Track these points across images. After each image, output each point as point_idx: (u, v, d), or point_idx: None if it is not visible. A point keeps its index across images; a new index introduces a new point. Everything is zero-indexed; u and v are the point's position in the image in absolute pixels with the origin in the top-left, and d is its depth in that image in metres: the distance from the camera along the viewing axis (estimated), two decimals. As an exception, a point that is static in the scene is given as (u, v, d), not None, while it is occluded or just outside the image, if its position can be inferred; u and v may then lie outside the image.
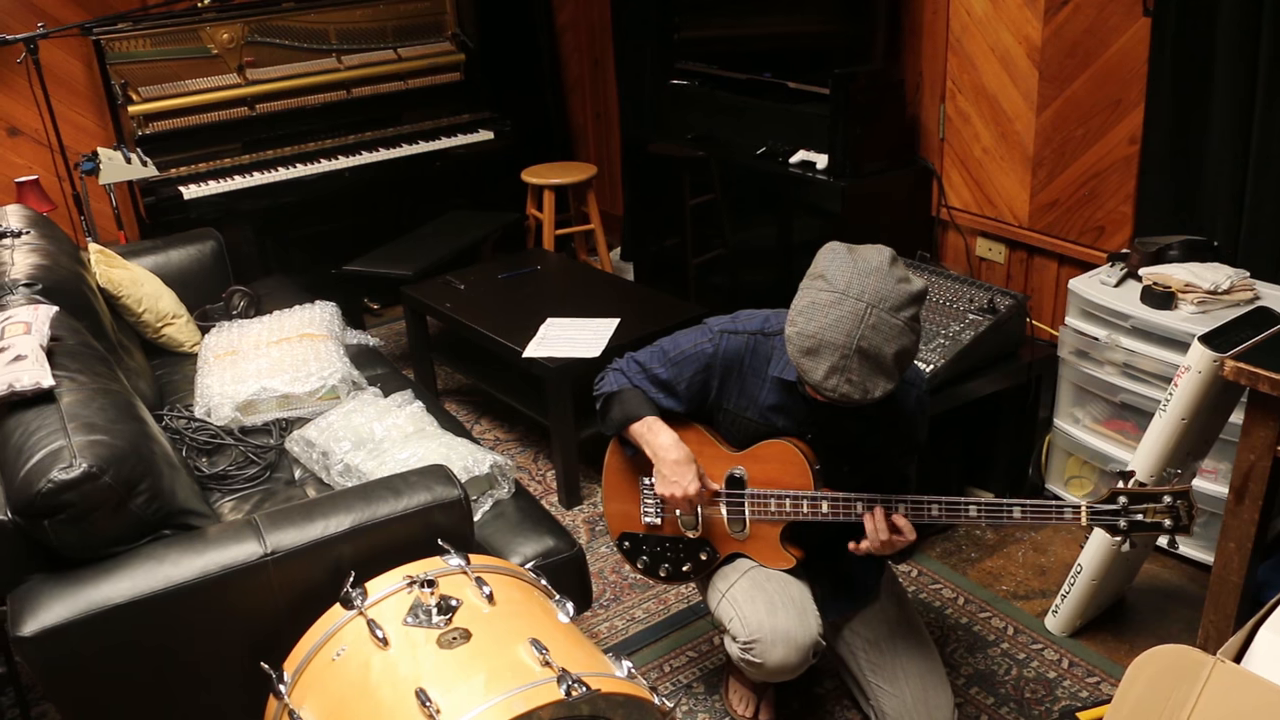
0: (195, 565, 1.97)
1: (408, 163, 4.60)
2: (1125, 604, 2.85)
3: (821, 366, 1.90)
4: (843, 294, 1.89)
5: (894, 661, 2.36)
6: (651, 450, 2.23)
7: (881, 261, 1.93)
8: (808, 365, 1.91)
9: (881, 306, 1.88)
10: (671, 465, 2.19)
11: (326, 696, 1.89)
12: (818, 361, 1.90)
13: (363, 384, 2.98)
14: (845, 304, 1.89)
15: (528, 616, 1.98)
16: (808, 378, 1.93)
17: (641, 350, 2.34)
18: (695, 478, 2.19)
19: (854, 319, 1.88)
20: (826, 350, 1.89)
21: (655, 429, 2.23)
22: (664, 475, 2.21)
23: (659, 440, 2.22)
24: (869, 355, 1.89)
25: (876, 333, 1.88)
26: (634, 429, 2.25)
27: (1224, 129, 2.86)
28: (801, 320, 1.92)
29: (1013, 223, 3.49)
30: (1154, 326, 2.79)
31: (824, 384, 1.91)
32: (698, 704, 2.57)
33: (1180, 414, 2.35)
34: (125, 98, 4.13)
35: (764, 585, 2.23)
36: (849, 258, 1.94)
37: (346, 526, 2.08)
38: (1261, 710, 1.65)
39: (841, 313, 1.88)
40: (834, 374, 1.89)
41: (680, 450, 2.20)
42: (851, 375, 1.89)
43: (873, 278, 1.90)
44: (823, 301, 1.91)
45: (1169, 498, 2.00)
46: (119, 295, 3.24)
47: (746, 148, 3.88)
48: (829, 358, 1.89)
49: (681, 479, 2.19)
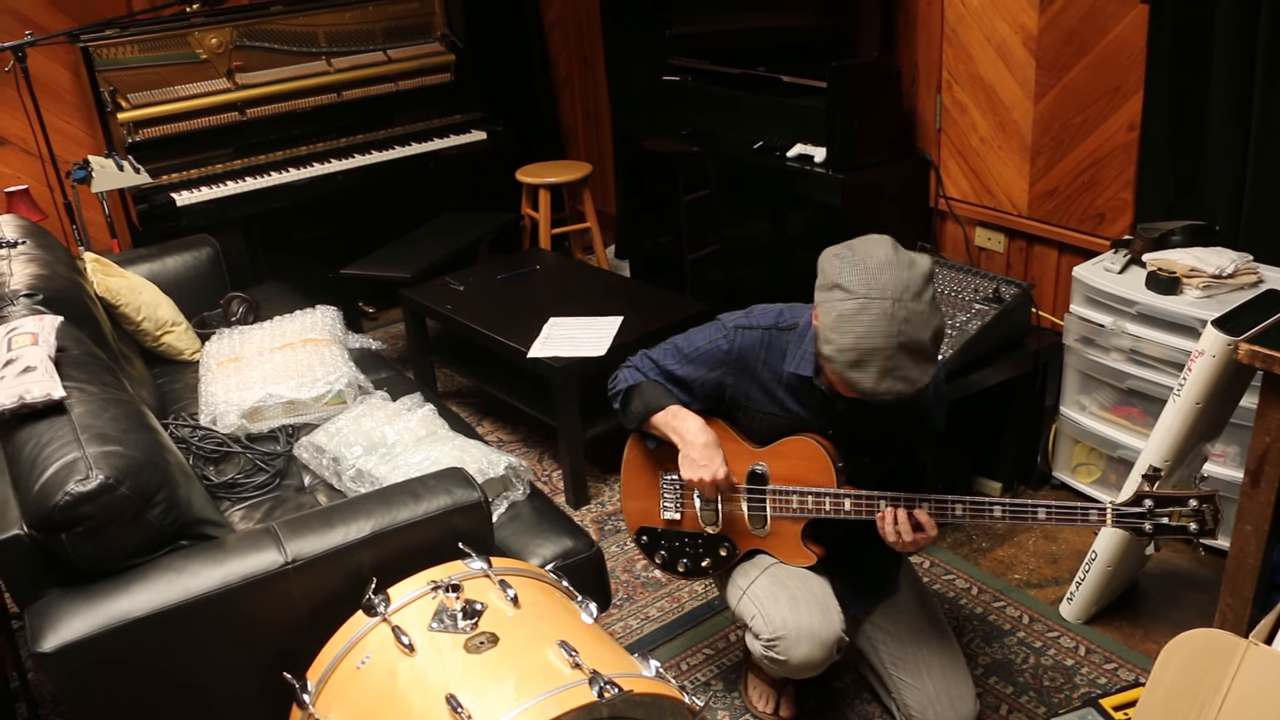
0: (215, 576, 1.95)
1: (400, 165, 4.57)
2: (1138, 589, 2.86)
3: (870, 375, 1.88)
4: (866, 298, 1.88)
5: (915, 654, 2.35)
6: (679, 435, 2.21)
7: (887, 253, 1.92)
8: (857, 377, 1.89)
9: (906, 298, 1.88)
10: (700, 449, 2.18)
11: (353, 705, 1.87)
12: (866, 371, 1.88)
13: (369, 388, 2.96)
14: (873, 307, 1.87)
15: (553, 619, 1.97)
16: (859, 389, 1.90)
17: (655, 348, 2.34)
18: (722, 462, 2.18)
19: (887, 319, 1.87)
20: (872, 357, 1.87)
21: (681, 415, 2.22)
22: (692, 459, 2.19)
23: (686, 425, 2.21)
24: (911, 348, 1.88)
25: (910, 325, 1.87)
26: (657, 419, 2.24)
27: (1223, 113, 2.87)
28: (836, 336, 1.90)
29: (1011, 212, 3.49)
30: (1160, 312, 2.79)
31: (877, 389, 1.89)
32: (717, 701, 2.57)
33: (1195, 398, 2.36)
34: (114, 105, 4.08)
35: (785, 582, 2.23)
36: (856, 259, 1.93)
37: (367, 532, 2.06)
38: (1297, 692, 1.66)
39: (873, 316, 1.87)
40: (885, 377, 1.88)
41: (708, 434, 2.20)
42: (901, 373, 1.88)
43: (887, 272, 1.89)
44: (849, 311, 1.89)
45: (1195, 501, 1.99)
46: (117, 304, 3.21)
47: (742, 142, 3.87)
48: (876, 363, 1.88)
49: (711, 462, 2.17)
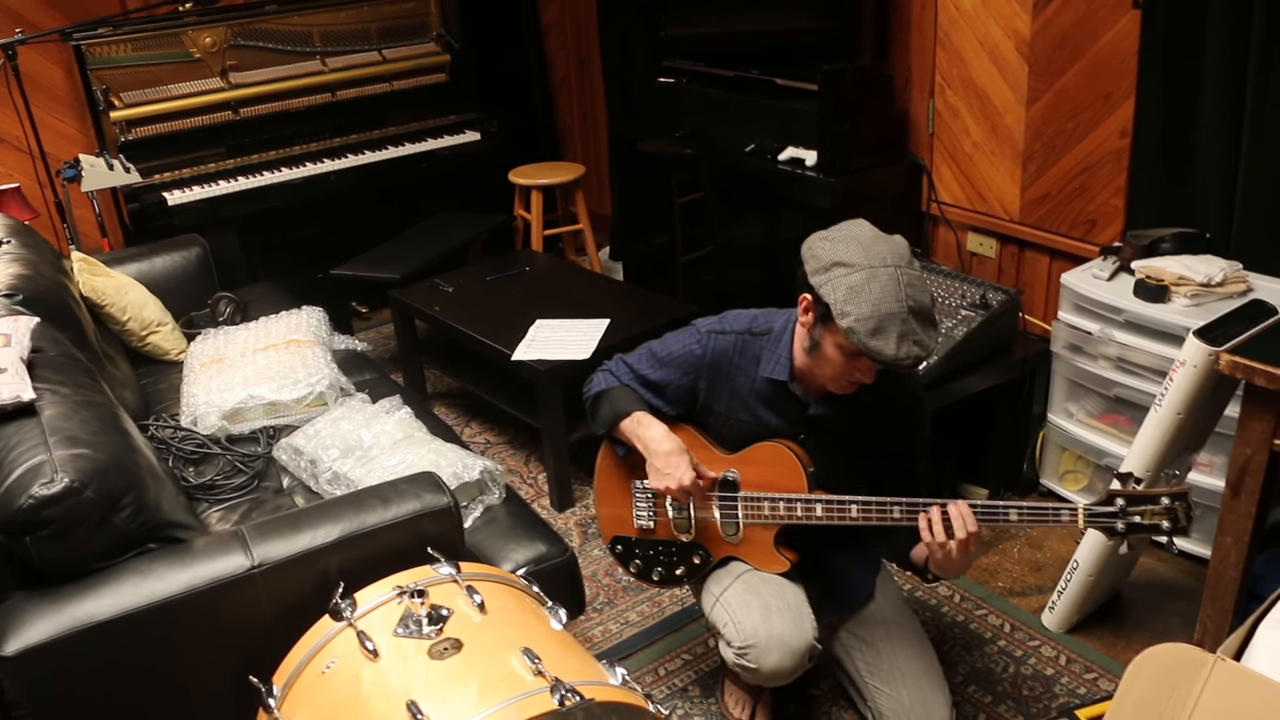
0: (181, 579, 1.94)
1: (394, 165, 4.56)
2: (1122, 599, 2.83)
3: (890, 340, 1.90)
4: (870, 267, 1.92)
5: (891, 662, 2.33)
6: (643, 444, 2.20)
7: (870, 229, 2.01)
8: (878, 345, 1.91)
9: (902, 264, 1.94)
10: (664, 457, 2.17)
11: (317, 710, 1.86)
12: (886, 338, 1.91)
13: (351, 390, 2.95)
14: (880, 275, 1.92)
15: (520, 625, 1.95)
16: (881, 357, 1.92)
17: (631, 352, 2.32)
18: (689, 468, 2.17)
19: (894, 283, 1.91)
20: (890, 323, 1.90)
21: (645, 423, 2.21)
22: (656, 468, 2.19)
23: (649, 433, 2.20)
24: (919, 311, 1.93)
25: (914, 289, 1.93)
26: (624, 425, 2.23)
27: (1215, 121, 2.84)
28: (853, 308, 1.91)
29: (1003, 217, 3.47)
30: (1147, 320, 2.77)
31: (898, 356, 1.91)
32: (694, 707, 2.55)
33: (1176, 409, 2.34)
34: (107, 103, 4.08)
35: (758, 589, 2.21)
36: (846, 238, 1.99)
37: (335, 537, 2.05)
38: (1262, 708, 1.63)
39: (882, 283, 1.91)
40: (903, 342, 1.91)
41: (672, 441, 2.18)
42: (916, 336, 1.92)
43: (880, 244, 1.97)
44: (859, 282, 1.92)
45: (1167, 499, 1.97)
46: (102, 304, 3.21)
47: (735, 145, 3.85)
48: (895, 328, 1.90)
49: (675, 469, 2.16)
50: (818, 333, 2.03)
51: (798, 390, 2.16)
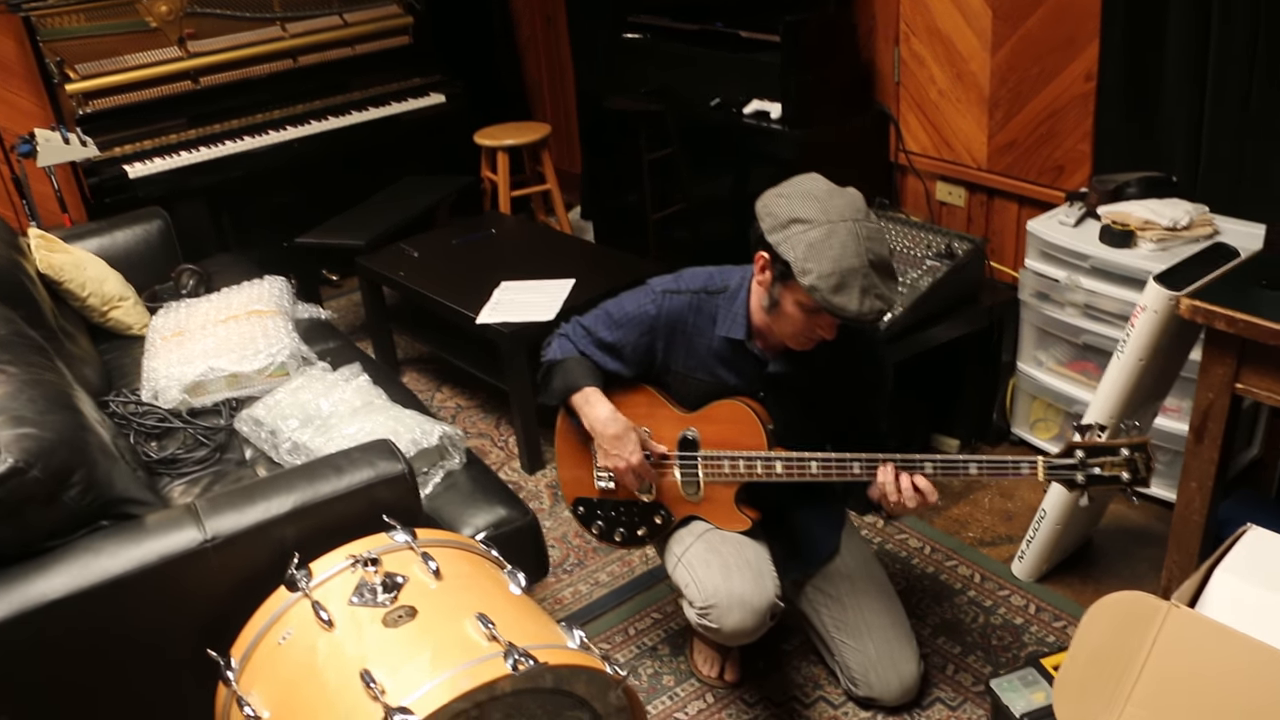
0: (133, 555, 1.92)
1: (358, 130, 4.50)
2: (1092, 546, 2.83)
3: (853, 296, 1.88)
4: (829, 222, 1.90)
5: (857, 617, 2.33)
6: (589, 424, 2.19)
7: (825, 183, 1.98)
8: (841, 301, 1.89)
9: (860, 217, 1.92)
10: (610, 440, 2.16)
11: (274, 681, 1.85)
12: (849, 293, 1.88)
13: (312, 359, 2.92)
14: (839, 230, 1.89)
15: (476, 590, 1.94)
16: (845, 313, 1.90)
17: (587, 314, 2.30)
18: (635, 448, 2.15)
19: (853, 238, 1.89)
20: (852, 278, 1.88)
21: (592, 401, 2.19)
22: (604, 449, 2.18)
23: (595, 414, 2.18)
24: (879, 264, 1.91)
25: (873, 240, 1.91)
26: (574, 400, 2.21)
27: (1179, 62, 2.80)
28: (814, 265, 1.89)
29: (971, 165, 3.43)
30: (1113, 266, 2.74)
31: (861, 310, 1.89)
32: (663, 666, 2.55)
33: (1138, 355, 2.32)
34: (62, 76, 4.01)
35: (719, 548, 2.20)
36: (801, 193, 1.96)
37: (289, 508, 2.03)
38: (1215, 653, 1.63)
39: (841, 238, 1.89)
40: (865, 296, 1.89)
41: (617, 423, 2.16)
42: (878, 290, 1.90)
43: (836, 198, 1.94)
44: (818, 238, 1.89)
45: (1126, 450, 1.96)
46: (61, 280, 3.17)
47: (701, 100, 3.80)
48: (857, 283, 1.88)
49: (622, 451, 2.15)
50: (777, 291, 2.00)
51: (755, 348, 2.14)
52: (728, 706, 2.43)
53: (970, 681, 2.43)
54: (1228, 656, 1.62)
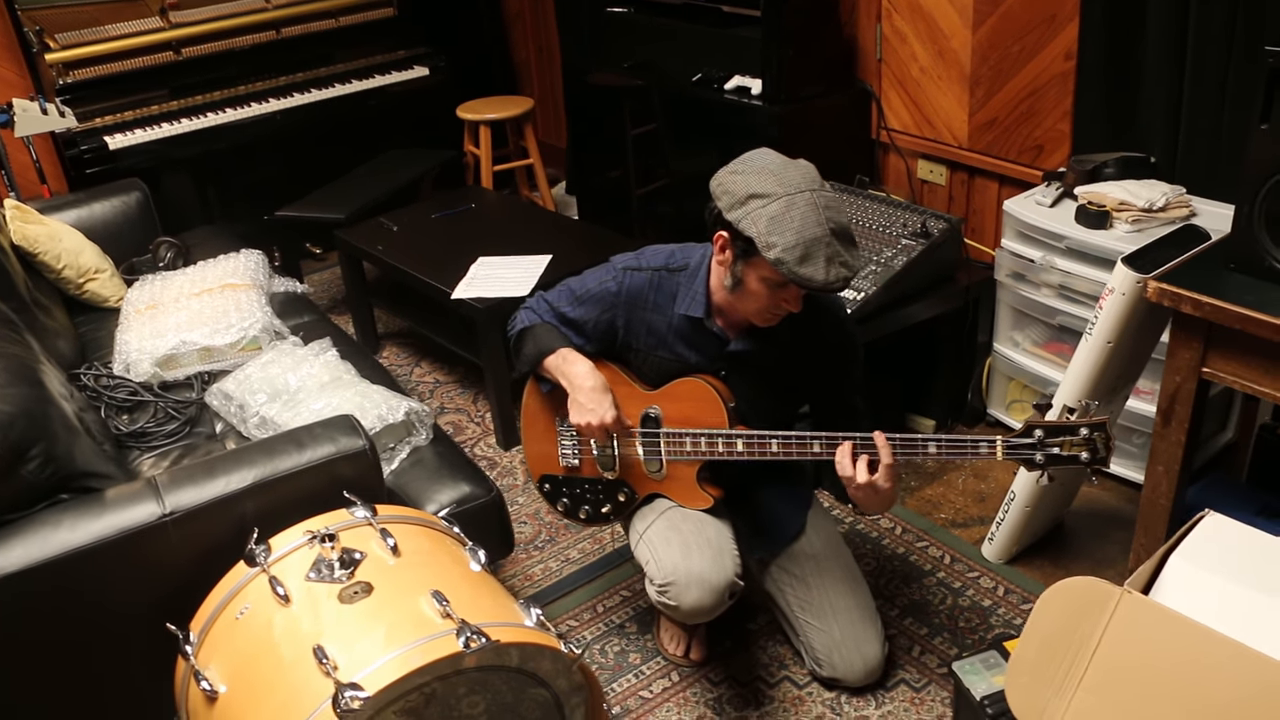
0: (92, 529, 1.92)
1: (341, 103, 4.48)
2: (1064, 528, 2.83)
3: (819, 265, 1.88)
4: (787, 195, 1.89)
5: (822, 598, 2.33)
6: (567, 380, 2.18)
7: (773, 156, 1.98)
8: (808, 272, 1.88)
9: (816, 187, 1.92)
10: (587, 393, 2.15)
11: (231, 655, 1.86)
12: (815, 264, 1.88)
13: (285, 333, 2.91)
14: (798, 201, 1.89)
15: (434, 567, 1.94)
16: (810, 284, 1.90)
17: (551, 289, 2.29)
18: (611, 405, 2.15)
19: (813, 208, 1.89)
20: (816, 248, 1.87)
21: (570, 359, 2.18)
22: (579, 403, 2.16)
23: (574, 369, 2.17)
24: (840, 231, 1.90)
25: (832, 209, 1.91)
26: (548, 362, 2.21)
27: (1159, 41, 2.78)
28: (777, 238, 1.88)
29: (952, 143, 3.41)
30: (1088, 247, 2.73)
31: (828, 279, 1.89)
32: (630, 643, 2.55)
33: (1106, 337, 2.31)
34: (41, 45, 3.98)
35: (680, 526, 2.19)
36: (756, 168, 1.95)
37: (249, 482, 2.03)
38: (1166, 641, 1.63)
39: (802, 210, 1.88)
40: (831, 265, 1.88)
41: (596, 378, 2.16)
42: (843, 258, 1.90)
43: (790, 169, 1.93)
44: (778, 211, 1.89)
45: (1086, 430, 1.96)
46: (35, 252, 3.15)
47: (681, 75, 3.78)
48: (821, 253, 1.88)
49: (598, 406, 2.14)
50: (739, 269, 1.99)
51: (715, 326, 2.13)
52: (692, 685, 2.43)
53: (935, 663, 2.43)
54: (1178, 644, 1.62)
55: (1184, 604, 1.71)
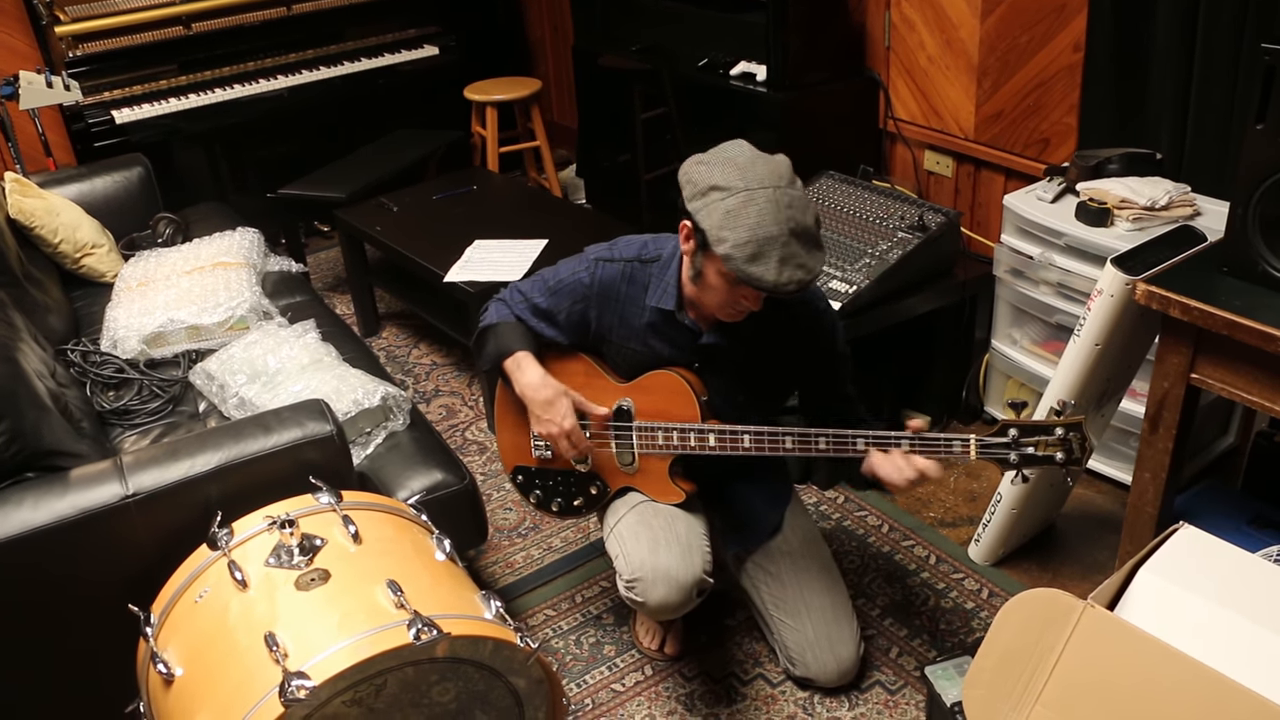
0: (54, 509, 1.92)
1: (350, 81, 4.46)
2: (1055, 530, 2.78)
3: (771, 266, 1.83)
4: (748, 190, 1.84)
5: (797, 596, 2.30)
6: (519, 389, 2.15)
7: (749, 149, 1.92)
8: (757, 271, 1.83)
9: (783, 184, 1.86)
10: (541, 405, 2.12)
11: (188, 639, 1.85)
12: (766, 263, 1.82)
13: (273, 313, 2.90)
14: (758, 197, 1.83)
15: (395, 556, 1.92)
16: (762, 284, 1.84)
17: (525, 279, 2.26)
18: (568, 412, 2.11)
19: (773, 205, 1.83)
20: (769, 246, 1.82)
21: (524, 366, 2.14)
22: (536, 415, 2.14)
23: (525, 379, 2.14)
24: (801, 232, 1.84)
25: (795, 209, 1.84)
26: (505, 365, 2.17)
27: (1168, 34, 2.70)
28: (729, 233, 1.83)
29: (959, 135, 3.34)
30: (1088, 244, 2.66)
31: (779, 281, 1.83)
32: (605, 635, 2.53)
33: (1094, 339, 2.25)
34: (51, 18, 3.98)
35: (650, 522, 2.16)
36: (722, 160, 1.90)
37: (213, 465, 2.02)
38: (1128, 657, 1.59)
39: (760, 206, 1.83)
40: (784, 266, 1.83)
41: (549, 388, 2.12)
42: (799, 260, 1.84)
43: (758, 164, 1.87)
44: (735, 205, 1.84)
45: (1061, 430, 1.91)
46: (32, 226, 3.16)
47: (688, 59, 3.73)
48: (774, 253, 1.82)
49: (555, 416, 2.11)
50: (699, 261, 1.95)
51: (687, 319, 2.09)
52: (665, 680, 2.41)
53: (912, 666, 2.40)
54: (1139, 661, 1.57)
55: (1150, 619, 1.67)
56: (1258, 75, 1.90)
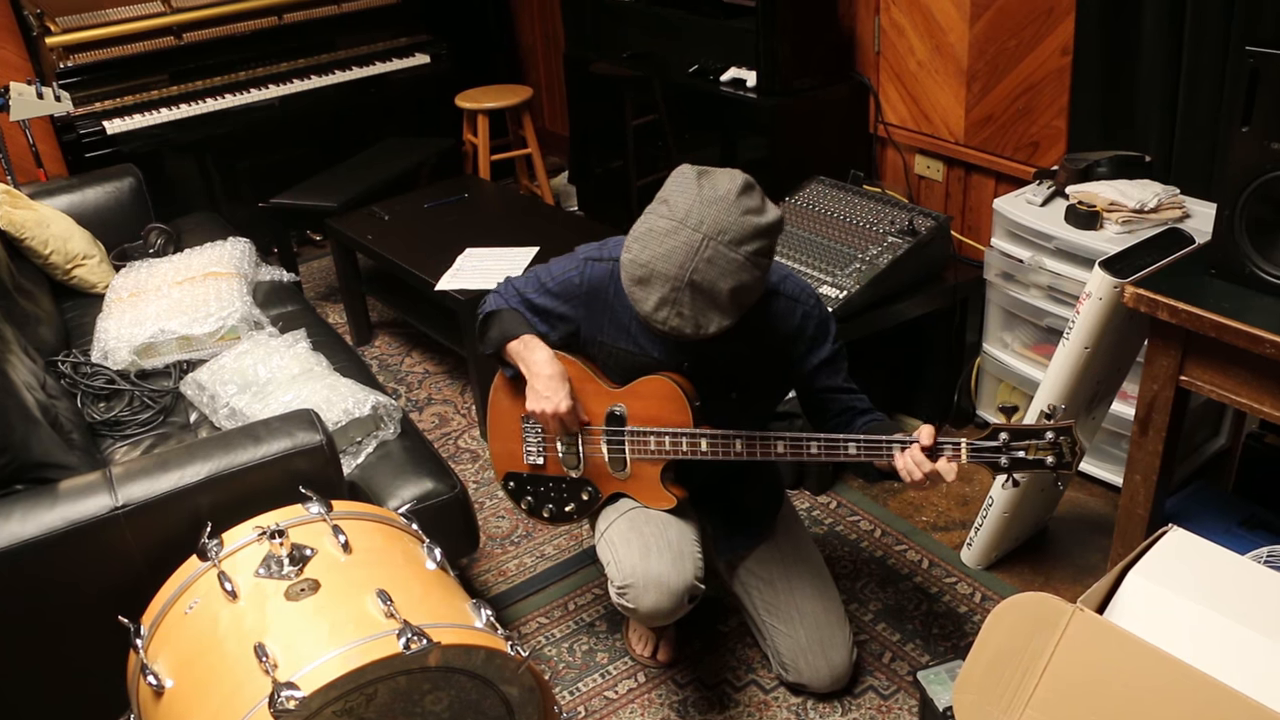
0: (43, 520, 1.91)
1: (342, 90, 4.47)
2: (1047, 534, 2.78)
3: (652, 297, 1.81)
4: (680, 223, 1.80)
5: (789, 601, 2.30)
6: (526, 366, 2.15)
7: (730, 190, 1.82)
8: (639, 295, 1.83)
9: (720, 239, 1.78)
10: (545, 380, 2.12)
11: (178, 651, 1.84)
12: (648, 292, 1.82)
13: (264, 323, 2.90)
14: (681, 234, 1.79)
15: (385, 565, 1.92)
16: (638, 308, 1.84)
17: (520, 276, 2.27)
18: (567, 395, 2.12)
19: (688, 250, 1.78)
20: (657, 281, 1.80)
21: (532, 345, 2.15)
22: (536, 390, 2.13)
23: (534, 356, 2.14)
24: (702, 289, 1.79)
25: (712, 266, 1.78)
26: (511, 347, 2.18)
27: (1155, 37, 2.71)
28: (636, 247, 1.82)
29: (949, 139, 3.35)
30: (1077, 248, 2.67)
31: (653, 315, 1.83)
32: (599, 642, 2.53)
33: (1083, 343, 2.25)
34: (42, 28, 3.99)
35: (641, 528, 2.16)
36: (696, 184, 1.84)
37: (203, 476, 2.02)
38: (1118, 660, 1.59)
39: (676, 243, 1.79)
40: (664, 306, 1.81)
41: (555, 366, 2.13)
42: (683, 309, 1.81)
43: (715, 207, 1.80)
44: (660, 229, 1.81)
45: (1051, 434, 1.91)
46: (22, 237, 3.16)
47: (679, 65, 3.74)
48: (659, 289, 1.80)
49: (554, 394, 2.11)
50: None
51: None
52: (658, 687, 2.41)
53: (906, 670, 2.39)
54: (1129, 664, 1.58)
55: (1140, 622, 1.67)
56: (1243, 78, 1.91)
